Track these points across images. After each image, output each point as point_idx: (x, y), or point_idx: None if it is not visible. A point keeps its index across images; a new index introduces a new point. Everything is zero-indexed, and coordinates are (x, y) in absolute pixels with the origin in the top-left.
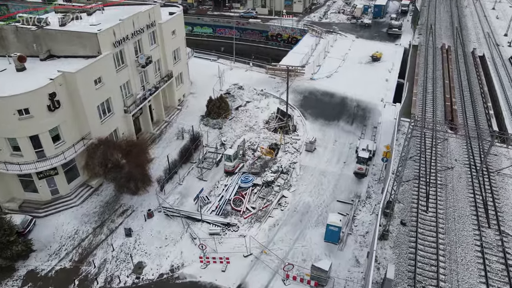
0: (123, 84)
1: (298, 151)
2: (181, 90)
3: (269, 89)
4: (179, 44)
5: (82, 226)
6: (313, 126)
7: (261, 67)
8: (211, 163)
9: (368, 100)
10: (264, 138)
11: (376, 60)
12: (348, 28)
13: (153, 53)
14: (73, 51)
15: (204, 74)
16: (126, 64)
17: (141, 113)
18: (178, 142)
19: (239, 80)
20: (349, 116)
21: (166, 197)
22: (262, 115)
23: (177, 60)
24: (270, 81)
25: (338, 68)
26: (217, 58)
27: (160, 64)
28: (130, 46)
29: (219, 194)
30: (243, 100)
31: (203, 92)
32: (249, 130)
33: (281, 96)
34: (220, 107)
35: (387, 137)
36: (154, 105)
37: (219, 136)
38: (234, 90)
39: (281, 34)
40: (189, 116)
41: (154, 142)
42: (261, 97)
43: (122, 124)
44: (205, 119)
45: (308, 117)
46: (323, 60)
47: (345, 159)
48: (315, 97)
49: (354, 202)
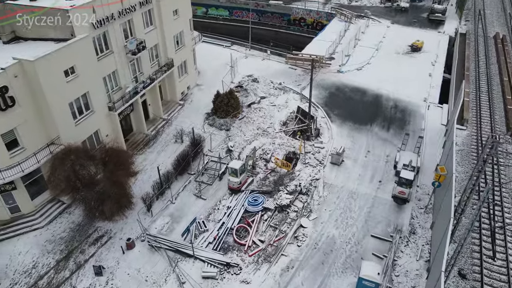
0: (108, 75)
1: (321, 164)
2: (185, 82)
3: (289, 83)
4: (183, 27)
5: (44, 257)
6: (341, 130)
7: (280, 56)
8: (212, 176)
9: (408, 99)
10: (279, 145)
11: (416, 50)
12: (382, 12)
13: (148, 37)
14: (43, 32)
15: (214, 63)
16: (112, 50)
17: (131, 110)
18: (176, 146)
19: (254, 70)
20: (384, 119)
21: (153, 219)
22: (278, 115)
23: (180, 46)
24: (290, 72)
25: (370, 59)
26: (230, 44)
27: (158, 50)
28: (117, 28)
29: (220, 220)
30: (257, 95)
31: (211, 84)
32: (262, 134)
33: (303, 91)
34: (229, 104)
35: (433, 149)
36: (150, 100)
37: (225, 140)
38: (247, 83)
39: (304, 18)
40: (192, 114)
41: (147, 145)
42: (278, 92)
43: (106, 124)
44: (210, 117)
45: (334, 119)
46: (353, 49)
47: (380, 177)
48: (343, 94)
49: (394, 239)
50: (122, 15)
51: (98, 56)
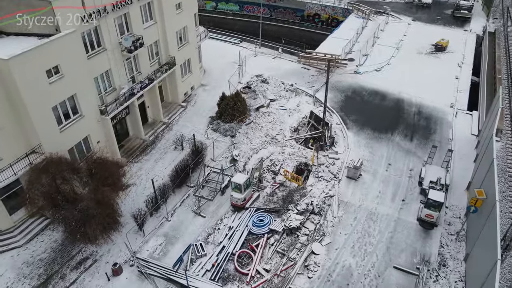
0: (100, 75)
1: (336, 178)
2: (188, 82)
3: (301, 84)
4: (187, 22)
5: (19, 283)
6: (358, 139)
7: (292, 55)
8: (213, 190)
9: (433, 105)
10: (290, 155)
11: (441, 50)
12: (402, 9)
13: (147, 33)
14: (26, 27)
15: (221, 61)
16: (105, 47)
17: (127, 113)
18: (175, 154)
19: (263, 70)
20: (407, 127)
21: (145, 240)
22: (289, 120)
23: (183, 42)
24: (302, 73)
25: (390, 59)
26: (239, 41)
27: (159, 47)
28: (111, 23)
29: (220, 243)
30: (266, 98)
31: (217, 84)
32: (271, 141)
33: (316, 94)
34: (235, 108)
35: (463, 163)
36: (149, 101)
37: (230, 148)
38: (256, 84)
39: (319, 14)
40: (195, 117)
41: (144, 152)
42: (290, 95)
43: (97, 129)
44: (215, 122)
45: (351, 126)
46: (371, 48)
47: (403, 195)
48: (361, 97)
49: (421, 272)
50: (116, 8)
51: (89, 54)
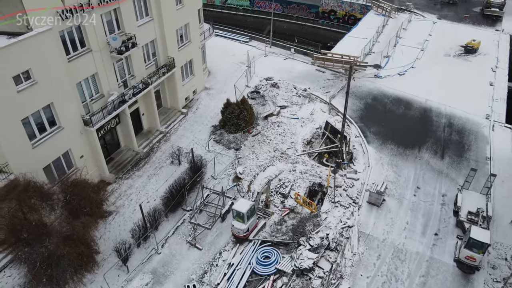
0: (85, 81)
1: (355, 203)
2: (190, 85)
3: (315, 89)
4: (189, 19)
5: None
6: (380, 156)
7: (306, 55)
8: (212, 216)
9: (465, 115)
10: (302, 173)
11: (472, 52)
12: (426, 5)
13: (142, 31)
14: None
15: (228, 61)
16: (90, 48)
17: (118, 122)
18: (172, 170)
19: (274, 72)
20: (436, 142)
21: (129, 278)
22: (302, 131)
23: (184, 42)
24: (317, 76)
25: (414, 61)
26: (248, 39)
27: (156, 48)
28: (97, 19)
29: (217, 284)
30: (276, 104)
31: (222, 88)
32: (280, 157)
33: (332, 100)
34: (241, 117)
35: (506, 189)
36: (144, 108)
37: (234, 163)
38: (265, 88)
39: (335, 10)
40: (196, 126)
41: (136, 167)
42: (302, 101)
43: (80, 142)
44: (217, 131)
45: (371, 140)
46: (393, 49)
47: (436, 227)
48: (382, 106)
49: None
50: (104, 3)
51: (70, 56)
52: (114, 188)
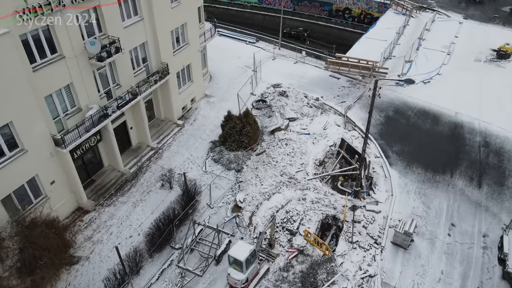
0: (57, 93)
1: (377, 244)
2: (188, 93)
3: (329, 98)
4: (187, 18)
5: None
6: (405, 182)
7: (318, 59)
8: (205, 258)
9: (504, 133)
10: (313, 203)
11: (505, 57)
12: (450, 4)
13: (129, 33)
14: None
15: (232, 64)
16: (62, 54)
17: (98, 140)
18: (162, 195)
19: (282, 77)
20: (471, 166)
21: None
22: (313, 150)
23: (181, 44)
24: (330, 83)
25: (441, 67)
26: (255, 40)
27: (147, 52)
28: (71, 20)
29: None
30: (284, 116)
31: (225, 96)
32: (288, 182)
33: (348, 112)
34: (243, 133)
35: None
36: (133, 121)
37: (234, 188)
38: (272, 97)
39: (350, 8)
40: (193, 141)
41: (120, 191)
42: (314, 112)
43: (50, 166)
44: (217, 148)
45: (394, 161)
46: (416, 53)
47: (478, 279)
48: (406, 119)
49: None
50: (79, 0)
51: (35, 64)
52: (93, 217)
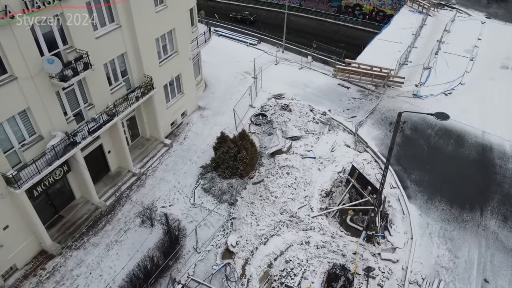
0: (9, 120)
1: None
2: (178, 107)
3: (337, 111)
4: (176, 23)
5: None
6: (426, 221)
7: (326, 64)
8: None
9: None
10: (318, 248)
11: None
12: (471, 1)
13: (103, 44)
14: None
15: (231, 70)
16: (13, 74)
17: (65, 171)
18: (141, 235)
19: (286, 86)
20: (504, 201)
21: None
22: (319, 177)
23: (169, 53)
24: (339, 93)
25: (463, 76)
26: (257, 41)
27: (127, 64)
28: (23, 32)
29: None
30: (286, 134)
31: (221, 108)
32: (289, 222)
33: (359, 128)
34: (238, 158)
35: None
36: (110, 144)
37: (225, 226)
38: (273, 111)
39: (360, 4)
40: (181, 164)
41: (92, 229)
42: (320, 129)
43: (1, 209)
44: (208, 174)
45: (413, 193)
46: (435, 57)
47: None
48: (425, 139)
49: None
50: (33, 8)
51: None
52: (57, 264)
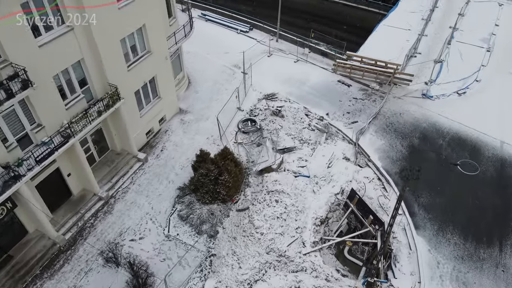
0: None
1: None
2: (154, 114)
3: (336, 115)
4: (146, 18)
5: None
6: (437, 259)
7: (325, 56)
8: None
9: None
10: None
11: None
12: None
13: (52, 51)
14: None
15: (219, 63)
16: None
17: (10, 208)
18: (103, 277)
19: (279, 83)
20: None
21: None
22: (313, 202)
23: (140, 55)
24: (339, 92)
25: (479, 70)
26: (249, 28)
27: (86, 73)
28: None
29: None
30: (278, 145)
31: (205, 111)
32: (277, 261)
33: (361, 138)
34: (220, 182)
35: None
36: (69, 167)
37: (203, 265)
38: (263, 116)
39: None
40: (157, 184)
41: (48, 270)
42: (317, 137)
43: None
44: (186, 198)
45: (421, 221)
46: (447, 47)
47: None
48: (436, 152)
49: None
50: None
51: None
52: None
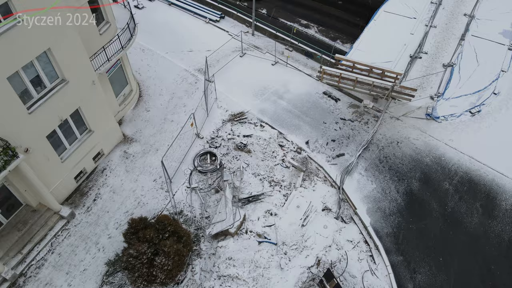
0: None
1: None
2: (84, 153)
3: (318, 143)
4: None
5: None
6: None
7: (309, 57)
8: None
9: None
10: None
11: None
12: None
13: None
14: None
15: (178, 68)
16: None
17: None
18: None
19: (251, 96)
20: None
21: None
22: (279, 284)
23: (48, 87)
24: (324, 109)
25: (496, 80)
26: (220, 16)
27: None
28: None
29: None
30: (241, 191)
31: (156, 139)
32: None
33: (346, 179)
34: (156, 264)
35: None
36: None
37: None
38: (226, 148)
39: None
40: (82, 254)
41: None
42: (292, 178)
43: None
44: (117, 276)
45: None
46: (461, 45)
47: None
48: (440, 200)
49: None
50: None
51: None
52: None
